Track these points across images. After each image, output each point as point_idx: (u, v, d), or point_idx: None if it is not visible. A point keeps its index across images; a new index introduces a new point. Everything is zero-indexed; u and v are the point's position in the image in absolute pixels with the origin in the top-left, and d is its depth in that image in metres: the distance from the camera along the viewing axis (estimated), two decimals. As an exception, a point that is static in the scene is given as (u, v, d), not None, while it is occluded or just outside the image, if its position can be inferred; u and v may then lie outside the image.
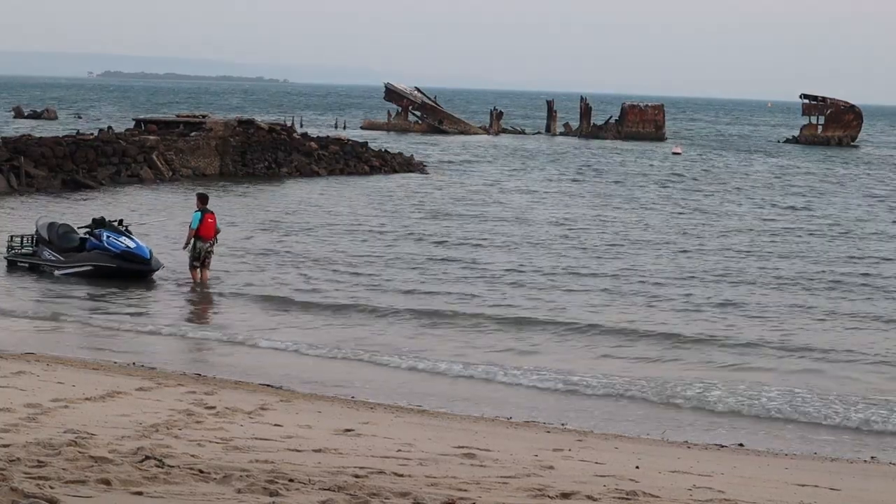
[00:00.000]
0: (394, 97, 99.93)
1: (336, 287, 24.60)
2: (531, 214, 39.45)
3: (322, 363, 18.22)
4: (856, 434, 15.09)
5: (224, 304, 23.08)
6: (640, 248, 31.74)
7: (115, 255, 24.74)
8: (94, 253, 25.08)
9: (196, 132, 49.56)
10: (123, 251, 24.64)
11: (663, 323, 21.59)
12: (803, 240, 34.86)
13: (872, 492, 11.33)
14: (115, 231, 25.18)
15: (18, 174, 40.50)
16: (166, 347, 19.07)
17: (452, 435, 12.70)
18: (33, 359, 16.26)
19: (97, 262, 24.95)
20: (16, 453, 8.86)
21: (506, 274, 26.62)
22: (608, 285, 25.60)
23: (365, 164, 54.28)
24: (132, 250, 24.66)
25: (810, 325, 21.95)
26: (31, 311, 21.41)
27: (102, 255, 24.95)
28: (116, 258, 24.71)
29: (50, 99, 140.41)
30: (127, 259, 24.65)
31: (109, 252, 24.81)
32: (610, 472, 10.60)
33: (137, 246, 24.84)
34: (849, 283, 26.79)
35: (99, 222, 25.49)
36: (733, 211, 42.99)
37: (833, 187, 55.19)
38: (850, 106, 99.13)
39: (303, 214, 37.03)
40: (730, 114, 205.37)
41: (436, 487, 8.95)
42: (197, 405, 12.98)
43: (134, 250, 24.66)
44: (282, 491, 8.20)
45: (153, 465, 8.76)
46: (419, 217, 37.45)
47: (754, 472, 11.89)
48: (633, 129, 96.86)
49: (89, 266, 24.99)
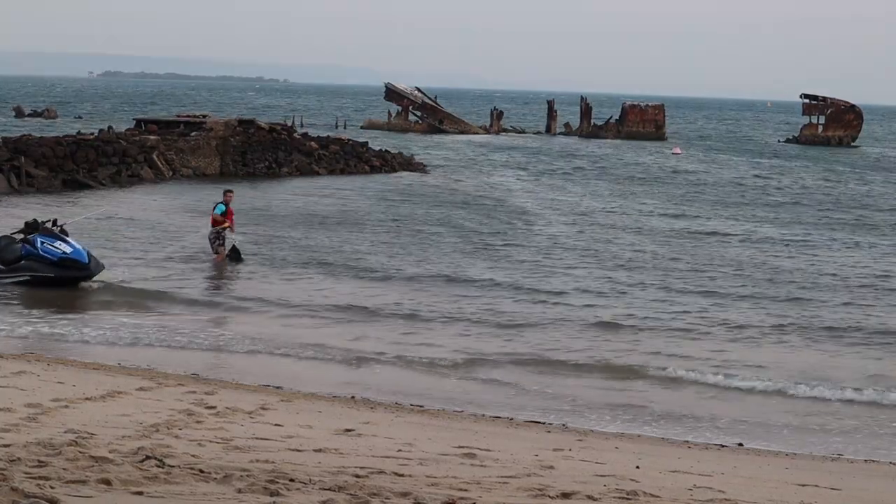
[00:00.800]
0: (394, 97, 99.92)
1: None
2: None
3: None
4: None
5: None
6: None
7: (51, 263, 23.14)
8: (31, 261, 23.28)
9: (196, 132, 49.57)
10: (60, 258, 23.07)
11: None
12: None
13: (872, 492, 11.33)
14: (49, 235, 23.54)
15: (19, 174, 40.50)
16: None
17: (453, 435, 12.71)
18: (33, 359, 16.26)
19: (34, 272, 23.22)
20: (16, 453, 8.86)
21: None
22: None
23: (365, 164, 54.29)
24: (69, 255, 23.11)
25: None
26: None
27: (39, 264, 23.24)
28: (54, 266, 23.11)
29: (50, 99, 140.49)
30: (65, 266, 23.09)
31: (45, 260, 23.20)
32: (610, 471, 10.60)
33: (75, 250, 23.27)
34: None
35: (32, 226, 24.00)
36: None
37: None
38: (851, 106, 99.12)
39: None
40: (730, 114, 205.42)
41: (436, 487, 8.95)
42: (197, 405, 12.99)
43: (71, 255, 23.12)
44: (282, 491, 8.20)
45: (153, 465, 8.75)
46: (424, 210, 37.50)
47: (754, 471, 11.89)
48: (633, 129, 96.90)
49: (26, 276, 23.35)
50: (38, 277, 23.20)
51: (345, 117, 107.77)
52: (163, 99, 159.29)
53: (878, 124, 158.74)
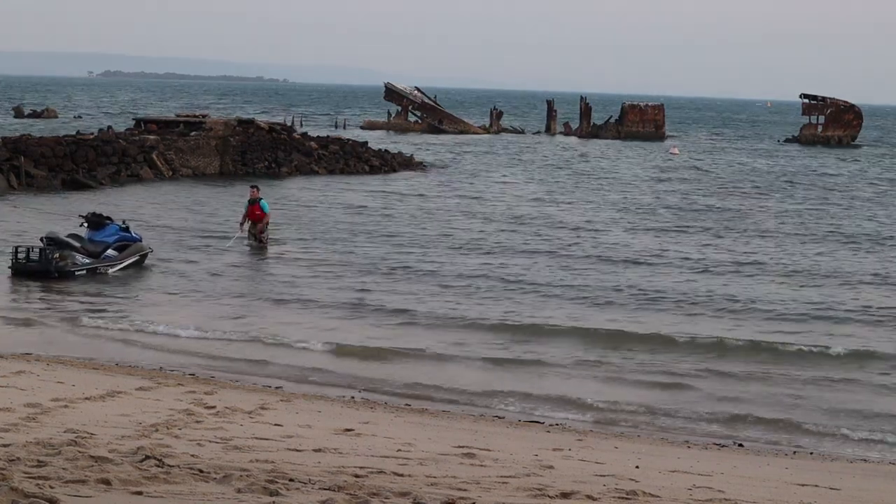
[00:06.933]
0: (394, 97, 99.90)
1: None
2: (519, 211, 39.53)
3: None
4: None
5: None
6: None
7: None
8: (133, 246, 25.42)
9: (196, 132, 49.55)
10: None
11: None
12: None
13: (872, 492, 11.32)
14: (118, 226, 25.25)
15: (18, 174, 40.49)
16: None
17: (452, 435, 12.70)
18: (33, 359, 16.26)
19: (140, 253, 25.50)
20: (16, 453, 8.85)
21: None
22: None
23: (365, 164, 54.29)
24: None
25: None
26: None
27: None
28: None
29: (56, 97, 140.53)
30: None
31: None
32: (610, 471, 10.59)
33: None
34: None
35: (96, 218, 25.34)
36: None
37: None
38: (850, 105, 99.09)
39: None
40: (730, 113, 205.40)
41: (436, 487, 8.94)
42: (197, 405, 12.99)
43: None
44: (282, 490, 8.19)
45: (153, 465, 8.74)
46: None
47: (754, 471, 11.89)
48: (632, 129, 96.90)
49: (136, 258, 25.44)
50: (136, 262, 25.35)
51: (344, 117, 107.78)
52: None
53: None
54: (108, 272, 24.68)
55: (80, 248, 24.51)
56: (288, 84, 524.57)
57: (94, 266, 24.55)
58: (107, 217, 25.68)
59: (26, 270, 23.90)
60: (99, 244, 24.81)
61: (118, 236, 25.18)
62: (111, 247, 24.99)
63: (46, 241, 24.30)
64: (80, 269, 24.26)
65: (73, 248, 24.36)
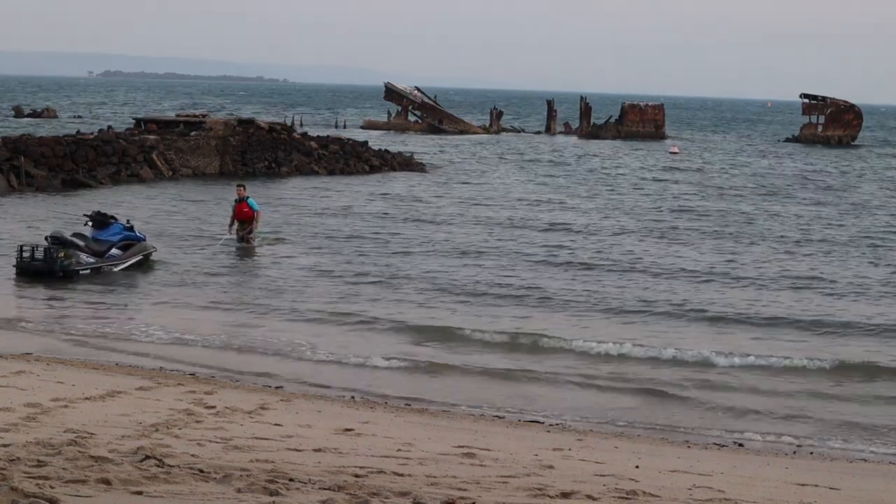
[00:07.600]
0: (394, 97, 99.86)
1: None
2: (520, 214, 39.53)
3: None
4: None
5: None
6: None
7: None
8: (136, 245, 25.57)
9: (196, 132, 49.55)
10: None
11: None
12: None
13: (872, 491, 11.32)
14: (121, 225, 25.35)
15: (18, 174, 40.48)
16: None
17: (452, 434, 12.70)
18: (33, 359, 16.26)
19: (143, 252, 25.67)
20: (16, 453, 8.85)
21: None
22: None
23: (365, 164, 54.28)
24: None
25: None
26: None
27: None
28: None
29: (56, 97, 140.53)
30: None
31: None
32: (610, 471, 10.59)
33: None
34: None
35: (101, 217, 25.45)
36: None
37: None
38: (850, 105, 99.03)
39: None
40: (729, 113, 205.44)
41: (436, 487, 8.94)
42: (197, 405, 12.99)
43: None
44: (282, 490, 8.19)
45: (153, 465, 8.75)
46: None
47: (754, 471, 11.89)
48: (632, 129, 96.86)
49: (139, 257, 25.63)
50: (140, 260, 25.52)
51: (344, 117, 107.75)
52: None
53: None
54: (112, 271, 24.73)
55: (85, 247, 24.57)
56: (288, 84, 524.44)
57: (98, 265, 24.59)
58: (111, 216, 25.73)
59: (31, 269, 23.96)
60: (103, 243, 24.88)
61: (122, 235, 25.26)
62: (115, 246, 25.05)
63: (51, 240, 24.36)
64: (84, 268, 24.32)
65: (77, 247, 24.42)
